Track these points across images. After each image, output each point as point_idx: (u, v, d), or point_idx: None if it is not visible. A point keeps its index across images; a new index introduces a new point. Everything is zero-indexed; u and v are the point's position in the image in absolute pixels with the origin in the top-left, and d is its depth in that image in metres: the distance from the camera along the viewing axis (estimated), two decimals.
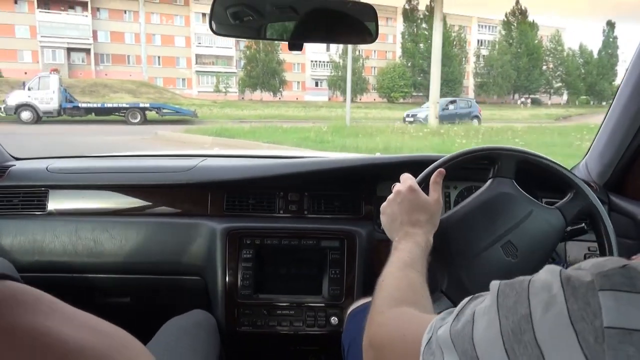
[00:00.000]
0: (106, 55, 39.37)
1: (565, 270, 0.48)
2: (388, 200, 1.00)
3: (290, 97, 40.38)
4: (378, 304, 0.75)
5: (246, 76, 39.04)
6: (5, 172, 1.56)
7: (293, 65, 43.42)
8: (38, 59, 36.12)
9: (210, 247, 1.43)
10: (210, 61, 42.31)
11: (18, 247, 1.46)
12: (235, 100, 37.03)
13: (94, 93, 28.65)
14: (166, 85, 38.19)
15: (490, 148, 1.10)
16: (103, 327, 0.40)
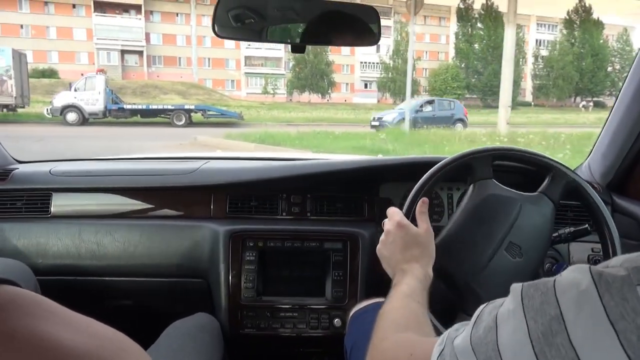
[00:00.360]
0: (158, 57, 39.92)
1: (594, 267, 0.45)
2: (381, 241, 1.00)
3: (339, 99, 39.69)
4: (380, 332, 0.74)
5: (294, 77, 38.66)
6: (8, 175, 1.55)
7: (342, 67, 42.70)
8: (94, 60, 36.90)
9: (213, 250, 1.42)
10: (259, 63, 42.22)
11: (21, 250, 1.45)
12: (283, 102, 36.90)
13: (145, 94, 29.14)
14: (215, 87, 38.51)
15: (462, 155, 1.09)
16: (102, 331, 0.40)
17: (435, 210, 1.52)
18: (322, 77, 38.42)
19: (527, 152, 1.12)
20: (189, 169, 1.56)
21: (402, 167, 1.50)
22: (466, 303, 0.99)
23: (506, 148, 1.11)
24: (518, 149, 1.12)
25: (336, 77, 39.86)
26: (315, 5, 1.11)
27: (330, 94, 39.06)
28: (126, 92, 28.07)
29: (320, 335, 1.40)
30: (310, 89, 38.20)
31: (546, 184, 1.08)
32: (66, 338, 0.35)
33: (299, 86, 38.40)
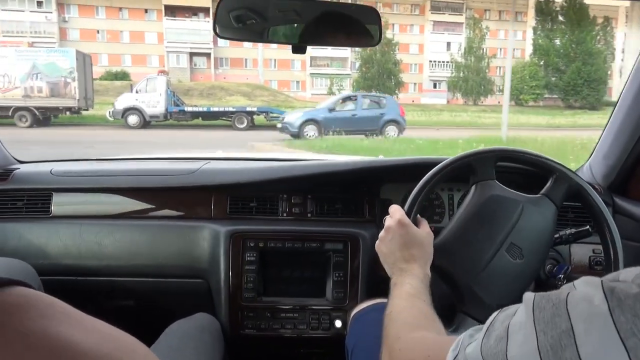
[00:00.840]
0: (225, 59, 40.33)
1: (606, 281, 0.45)
2: (380, 238, 1.00)
3: (406, 100, 38.22)
4: (393, 332, 0.74)
5: (361, 78, 37.64)
6: (9, 175, 1.56)
7: (410, 66, 41.24)
8: (164, 63, 37.68)
9: (213, 250, 1.42)
10: (324, 63, 41.72)
11: (23, 251, 1.45)
12: None
13: (212, 96, 29.44)
14: (281, 88, 38.42)
15: (464, 156, 1.09)
16: (112, 332, 0.41)
17: (436, 211, 1.49)
18: (389, 77, 37.28)
19: (530, 154, 1.11)
20: (190, 169, 1.56)
21: (402, 168, 1.51)
22: (466, 303, 0.99)
23: (509, 149, 1.11)
24: (521, 150, 1.11)
25: (404, 77, 38.57)
26: (316, 6, 1.12)
27: (398, 95, 37.69)
28: (193, 94, 28.45)
29: (321, 336, 1.39)
30: (376, 89, 37.02)
31: (549, 186, 1.07)
32: (80, 339, 0.36)
33: (365, 86, 37.32)
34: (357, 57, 38.77)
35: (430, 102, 38.50)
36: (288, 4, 1.12)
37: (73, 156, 1.90)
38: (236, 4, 1.09)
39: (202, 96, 28.57)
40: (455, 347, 0.55)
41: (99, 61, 35.82)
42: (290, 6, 1.12)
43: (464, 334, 0.56)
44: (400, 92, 37.88)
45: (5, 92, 16.26)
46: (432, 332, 0.71)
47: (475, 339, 0.52)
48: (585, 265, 1.37)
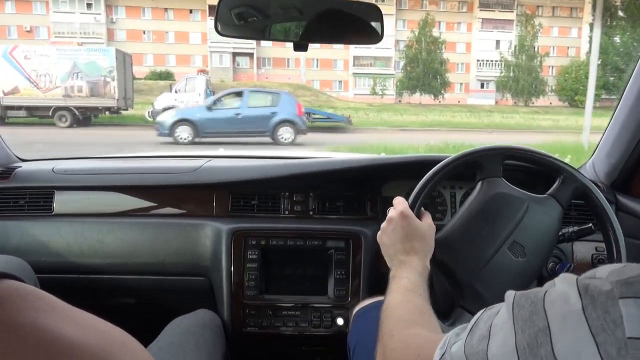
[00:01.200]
0: (267, 58, 40.23)
1: (582, 279, 0.46)
2: (382, 228, 1.00)
3: (452, 100, 37.10)
4: (387, 329, 0.75)
5: (405, 77, 36.71)
6: (11, 173, 1.56)
7: (456, 66, 39.94)
8: (207, 63, 37.97)
9: (215, 248, 1.43)
10: (367, 62, 41.06)
11: (25, 248, 1.46)
12: (391, 104, 35.47)
13: None
14: (323, 88, 38.01)
15: (471, 152, 1.08)
16: (101, 325, 0.41)
17: (438, 209, 1.49)
18: (435, 77, 36.22)
19: (538, 153, 1.10)
20: (192, 167, 1.57)
21: (405, 165, 1.51)
22: (465, 298, 0.99)
23: (517, 147, 1.11)
24: (529, 149, 1.11)
25: (450, 77, 37.47)
26: (318, 3, 1.11)
27: (444, 95, 36.49)
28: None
29: (323, 333, 1.39)
30: (421, 90, 36.03)
31: (556, 186, 1.07)
32: (69, 331, 0.36)
33: (410, 86, 36.41)
34: (401, 57, 38.05)
35: (477, 102, 37.32)
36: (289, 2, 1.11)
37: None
38: (237, 2, 1.09)
39: None
40: (442, 346, 0.56)
41: (144, 61, 36.54)
42: (292, 3, 1.11)
43: (451, 332, 0.57)
44: (446, 92, 36.85)
45: (46, 91, 16.27)
46: (426, 329, 0.71)
47: (460, 338, 0.53)
48: (588, 263, 1.35)
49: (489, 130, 14.58)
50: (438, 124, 18.25)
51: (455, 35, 40.14)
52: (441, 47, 36.13)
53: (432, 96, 36.14)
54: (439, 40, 36.07)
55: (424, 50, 35.90)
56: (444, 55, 36.46)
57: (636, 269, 0.43)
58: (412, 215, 0.98)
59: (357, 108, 26.67)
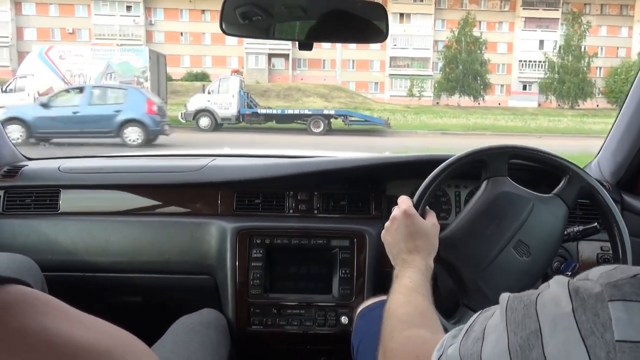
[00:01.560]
0: (303, 60, 40.14)
1: (573, 281, 0.47)
2: (386, 227, 1.00)
3: (492, 102, 35.97)
4: (388, 330, 0.76)
5: (444, 79, 35.80)
6: (18, 172, 1.57)
7: (497, 66, 38.70)
8: (243, 64, 38.08)
9: (220, 247, 1.43)
10: (404, 63, 40.44)
11: (31, 247, 1.46)
12: (429, 105, 34.76)
13: (288, 97, 29.54)
14: (358, 90, 37.81)
15: (476, 151, 1.09)
16: (110, 328, 0.41)
17: (442, 208, 1.50)
18: (475, 78, 35.23)
19: (543, 153, 1.10)
20: (197, 166, 1.58)
21: (409, 164, 1.52)
22: (469, 297, 1.00)
23: (523, 147, 1.11)
24: (535, 148, 1.11)
25: (490, 78, 36.39)
26: (323, 2, 1.12)
27: (484, 97, 35.33)
28: (270, 95, 28.51)
29: (327, 332, 1.40)
30: (461, 91, 35.00)
31: (562, 186, 1.07)
32: (78, 335, 0.36)
33: (449, 88, 35.47)
34: (439, 57, 37.22)
35: (518, 105, 36.26)
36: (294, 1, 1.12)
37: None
38: (242, 1, 1.09)
39: (279, 97, 28.75)
40: (439, 347, 0.56)
41: (182, 62, 37.04)
42: (296, 3, 1.12)
43: (448, 334, 0.57)
44: (486, 94, 35.77)
45: None
46: (426, 329, 0.71)
47: (457, 340, 0.54)
48: (593, 263, 1.34)
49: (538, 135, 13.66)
50: (481, 128, 17.37)
51: (496, 35, 39.10)
52: (482, 48, 35.14)
53: (471, 98, 35.22)
54: (479, 40, 34.99)
55: (464, 50, 34.95)
56: (485, 55, 35.50)
57: (626, 271, 0.44)
58: (416, 214, 0.98)
59: (394, 110, 26.22)
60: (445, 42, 36.20)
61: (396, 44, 39.96)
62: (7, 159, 1.65)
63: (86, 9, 37.04)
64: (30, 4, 36.74)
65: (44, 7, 36.85)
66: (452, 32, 35.33)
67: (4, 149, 1.66)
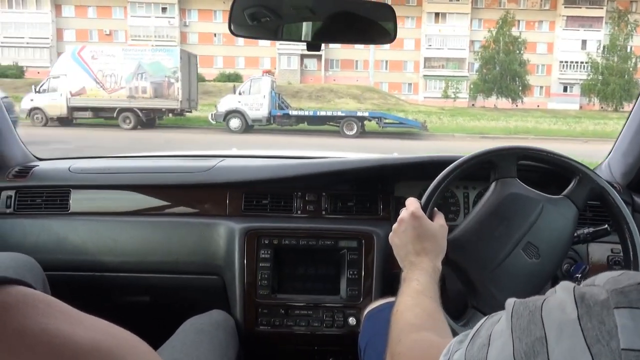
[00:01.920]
0: (336, 60, 39.99)
1: (579, 287, 0.46)
2: (394, 229, 1.00)
3: (530, 104, 34.78)
4: (395, 333, 0.76)
5: (480, 80, 34.78)
6: (29, 172, 1.59)
7: (536, 67, 37.50)
8: (275, 65, 38.14)
9: (228, 247, 1.44)
10: (439, 64, 39.71)
11: (42, 246, 1.48)
12: (464, 107, 33.95)
13: (320, 98, 29.26)
14: (391, 91, 37.35)
15: (485, 152, 1.09)
16: (111, 329, 0.41)
17: (450, 209, 1.50)
18: (513, 79, 34.07)
19: (553, 154, 1.10)
20: (205, 166, 1.58)
21: (418, 165, 1.51)
22: (478, 299, 1.00)
23: (532, 148, 1.11)
24: (544, 149, 1.11)
25: (529, 79, 35.17)
26: (331, 3, 1.12)
27: (523, 99, 34.15)
28: (302, 96, 28.32)
29: (335, 333, 1.40)
30: (498, 93, 33.92)
31: (571, 187, 1.06)
32: (79, 336, 0.36)
33: (485, 89, 34.45)
34: (476, 58, 36.30)
35: (558, 107, 35.03)
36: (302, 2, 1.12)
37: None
38: (251, 2, 1.10)
39: (311, 98, 28.55)
40: (446, 352, 0.56)
41: (215, 63, 37.30)
42: (305, 4, 1.12)
43: (454, 339, 0.57)
44: (525, 95, 34.75)
45: (111, 92, 16.22)
46: (434, 333, 0.72)
47: (463, 346, 0.54)
48: (604, 265, 1.34)
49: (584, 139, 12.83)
50: (523, 131, 16.54)
51: (535, 35, 37.92)
52: (521, 48, 33.94)
53: (509, 100, 34.12)
54: (518, 40, 33.83)
55: (502, 50, 33.84)
56: (524, 56, 34.37)
57: (633, 278, 0.43)
58: (424, 215, 0.97)
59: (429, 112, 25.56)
60: (482, 42, 35.25)
61: (431, 45, 39.47)
62: (18, 159, 1.65)
63: (123, 11, 37.84)
64: (69, 6, 37.74)
65: (83, 10, 37.80)
66: (489, 32, 34.33)
67: (16, 149, 1.66)
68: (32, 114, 15.75)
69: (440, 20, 39.10)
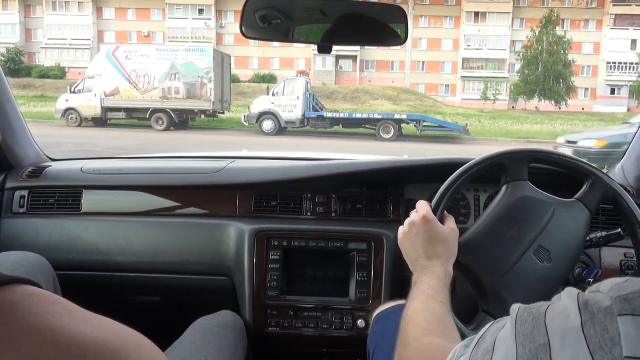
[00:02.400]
0: (371, 61, 39.54)
1: (583, 293, 0.46)
2: (403, 232, 0.99)
3: (574, 107, 33.33)
4: (404, 336, 0.76)
5: (522, 81, 33.48)
6: (41, 172, 1.60)
7: (581, 68, 35.96)
8: (310, 66, 37.91)
9: (238, 248, 1.45)
10: (478, 65, 38.67)
11: (54, 246, 1.50)
12: (504, 110, 32.93)
13: (355, 99, 29.00)
14: (428, 92, 36.61)
15: (496, 155, 1.08)
16: (117, 327, 0.41)
17: (461, 212, 1.50)
18: (557, 80, 32.59)
19: (565, 156, 1.11)
20: (216, 167, 1.59)
21: (428, 167, 1.52)
22: (488, 302, 0.99)
23: (544, 150, 1.11)
24: (556, 152, 1.12)
25: (575, 81, 33.67)
26: (342, 5, 1.12)
27: (567, 101, 32.74)
28: (337, 97, 28.06)
29: (344, 335, 1.40)
30: (540, 95, 32.61)
31: (584, 190, 1.06)
32: (85, 334, 0.36)
33: (527, 91, 33.16)
34: (517, 58, 35.02)
35: (604, 110, 33.55)
36: (313, 4, 1.13)
37: None
38: (262, 4, 1.10)
39: (346, 100, 28.28)
40: (451, 357, 0.57)
41: (250, 64, 37.34)
42: (315, 5, 1.13)
43: (460, 344, 0.58)
44: (569, 98, 33.14)
45: (144, 92, 16.14)
46: (443, 337, 0.71)
47: (467, 351, 0.54)
48: (616, 269, 1.32)
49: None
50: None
51: (581, 34, 36.43)
52: (565, 48, 32.49)
53: (552, 102, 32.73)
54: (563, 40, 32.43)
55: (545, 51, 32.50)
56: (569, 56, 32.85)
57: (637, 285, 0.43)
58: (435, 219, 0.96)
59: (467, 114, 24.84)
60: (524, 42, 34.00)
61: (470, 45, 38.54)
62: (31, 159, 1.68)
63: (161, 13, 38.44)
64: (110, 8, 38.60)
65: (123, 12, 38.59)
66: (532, 31, 33.07)
67: (29, 150, 1.69)
68: (66, 114, 15.87)
69: (479, 20, 38.08)
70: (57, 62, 35.16)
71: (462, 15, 38.53)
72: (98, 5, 38.20)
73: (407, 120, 15.63)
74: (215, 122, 17.18)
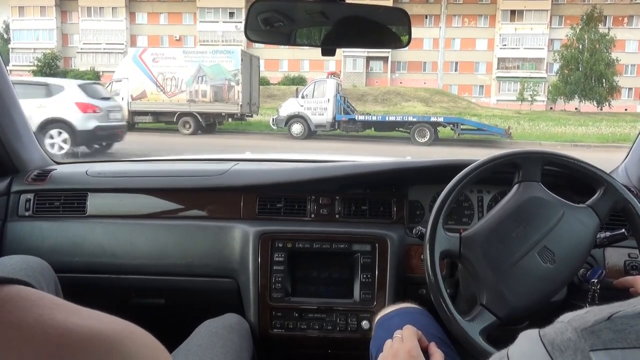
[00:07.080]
0: (402, 62, 39.09)
1: (544, 332, 0.45)
2: (382, 357, 0.95)
3: (618, 108, 31.93)
4: None
5: (561, 81, 32.15)
6: (47, 175, 1.62)
7: (625, 68, 34.43)
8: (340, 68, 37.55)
9: (243, 250, 1.46)
10: (514, 65, 37.59)
11: (59, 249, 1.52)
12: (542, 111, 31.88)
13: (386, 101, 28.49)
14: (461, 93, 36.13)
15: (512, 153, 1.09)
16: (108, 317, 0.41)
17: (464, 213, 1.51)
18: (599, 81, 31.18)
19: (579, 162, 1.10)
20: (220, 170, 1.60)
21: (431, 169, 1.53)
22: (487, 297, 1.00)
23: (559, 154, 1.11)
24: (570, 157, 1.11)
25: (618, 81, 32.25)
26: (344, 8, 1.12)
27: (610, 102, 31.24)
28: (367, 99, 27.63)
29: (348, 337, 1.41)
30: (581, 95, 31.20)
31: (596, 198, 1.06)
32: (75, 323, 0.36)
33: (567, 92, 31.84)
34: (555, 58, 33.69)
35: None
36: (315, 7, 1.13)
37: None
38: (265, 7, 1.11)
39: (377, 102, 27.84)
40: None
41: (280, 67, 37.28)
42: (318, 8, 1.12)
43: None
44: (612, 98, 31.85)
45: (171, 96, 15.76)
46: None
47: None
48: (621, 270, 1.32)
49: None
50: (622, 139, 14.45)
51: (624, 32, 35.03)
52: (608, 46, 31.00)
53: (594, 103, 31.32)
54: (605, 38, 30.95)
55: (586, 49, 31.09)
56: (612, 54, 31.44)
57: (598, 314, 0.42)
58: (420, 355, 0.90)
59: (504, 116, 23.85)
60: (564, 41, 32.75)
61: (506, 44, 37.65)
62: (37, 162, 1.69)
63: (192, 17, 38.86)
64: (142, 13, 39.25)
65: (155, 16, 39.19)
66: (572, 29, 31.71)
67: (35, 153, 1.70)
68: None
69: (516, 19, 36.94)
70: (92, 66, 35.87)
71: (497, 14, 37.55)
72: (131, 10, 38.93)
73: (444, 123, 14.77)
74: (244, 126, 16.74)
